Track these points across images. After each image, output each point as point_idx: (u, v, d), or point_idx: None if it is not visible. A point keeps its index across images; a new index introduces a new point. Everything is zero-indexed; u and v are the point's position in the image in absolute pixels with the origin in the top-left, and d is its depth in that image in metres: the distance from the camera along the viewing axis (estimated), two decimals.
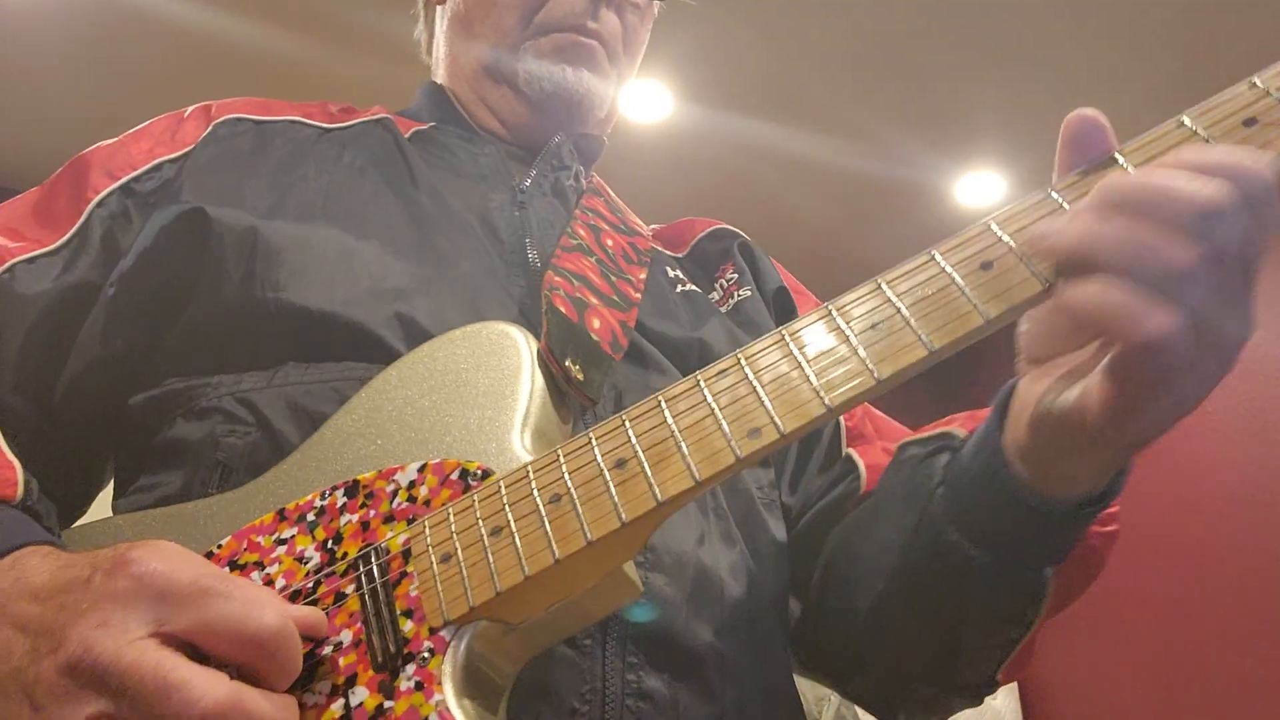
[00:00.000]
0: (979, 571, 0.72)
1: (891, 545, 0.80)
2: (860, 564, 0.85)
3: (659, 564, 0.78)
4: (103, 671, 0.53)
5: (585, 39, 1.08)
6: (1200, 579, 3.38)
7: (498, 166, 1.05)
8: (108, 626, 0.54)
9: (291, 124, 1.03)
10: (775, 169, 3.66)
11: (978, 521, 0.72)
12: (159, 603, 0.56)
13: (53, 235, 0.91)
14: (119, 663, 0.53)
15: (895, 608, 0.81)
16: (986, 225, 0.60)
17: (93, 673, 0.53)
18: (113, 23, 3.05)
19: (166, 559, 0.57)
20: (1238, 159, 0.53)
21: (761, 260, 1.15)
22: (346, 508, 0.71)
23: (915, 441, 0.87)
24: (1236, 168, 0.53)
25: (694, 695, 0.76)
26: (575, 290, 0.89)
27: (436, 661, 0.62)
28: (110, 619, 0.54)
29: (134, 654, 0.53)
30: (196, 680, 0.53)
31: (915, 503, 0.78)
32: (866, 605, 0.83)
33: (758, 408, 0.59)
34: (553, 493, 0.63)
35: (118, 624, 0.54)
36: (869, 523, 0.87)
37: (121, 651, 0.53)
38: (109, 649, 0.53)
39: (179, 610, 0.55)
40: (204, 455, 0.81)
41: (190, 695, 0.52)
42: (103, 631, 0.54)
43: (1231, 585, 3.27)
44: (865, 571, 0.84)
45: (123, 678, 0.52)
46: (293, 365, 0.83)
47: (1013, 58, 3.18)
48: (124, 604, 0.55)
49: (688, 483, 0.59)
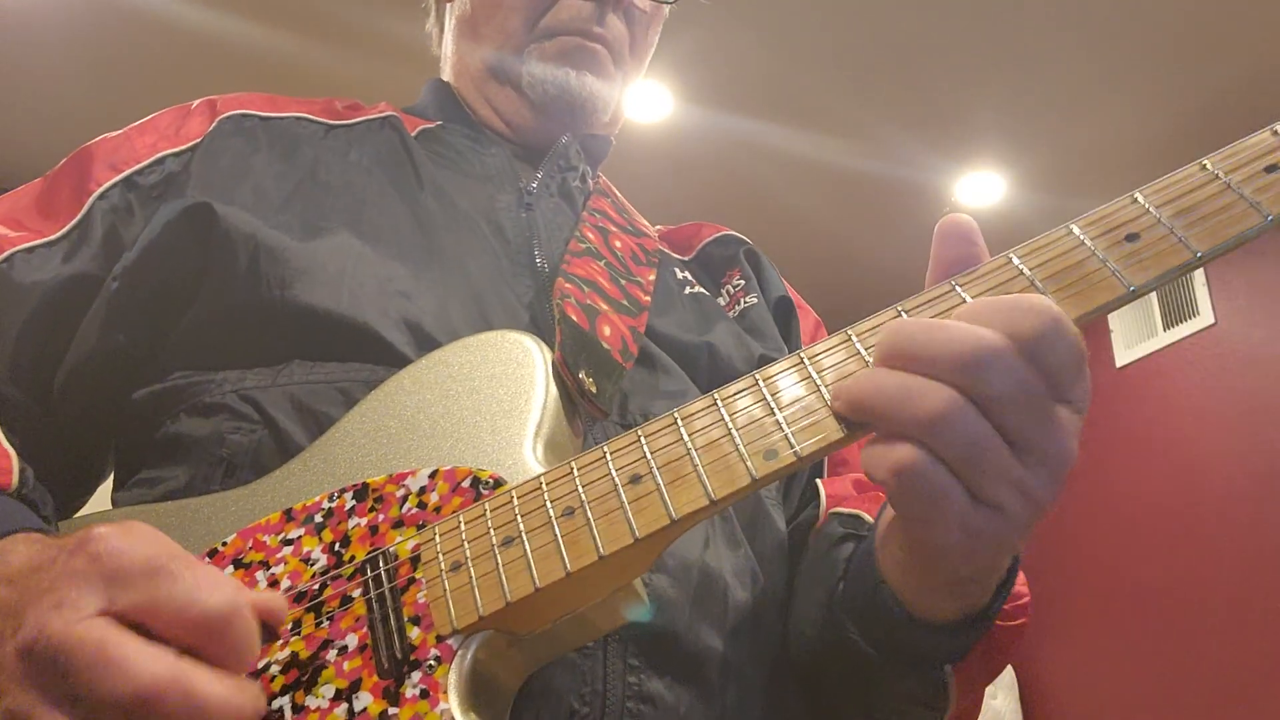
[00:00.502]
0: (878, 667, 0.73)
1: (809, 623, 0.82)
2: (790, 625, 0.86)
3: (663, 566, 0.78)
4: (54, 651, 0.52)
5: (590, 43, 1.08)
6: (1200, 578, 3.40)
7: (504, 167, 1.05)
8: (61, 607, 0.54)
9: (298, 120, 1.02)
10: (775, 169, 3.66)
11: (869, 624, 0.72)
12: (110, 581, 0.55)
13: (54, 226, 0.90)
14: (66, 641, 0.52)
15: (819, 677, 0.82)
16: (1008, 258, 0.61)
17: (45, 653, 0.52)
18: (113, 22, 3.03)
19: (126, 538, 0.57)
20: (1013, 306, 0.54)
21: (766, 268, 1.15)
22: (355, 510, 0.71)
23: (838, 515, 0.88)
24: (1010, 315, 0.54)
25: (696, 698, 0.76)
26: (586, 297, 0.89)
27: (443, 670, 0.62)
28: (64, 599, 0.54)
29: (80, 631, 0.53)
30: (136, 656, 0.52)
31: (823, 590, 0.80)
32: (799, 666, 0.84)
33: (774, 429, 0.59)
34: (566, 505, 0.63)
35: (70, 603, 0.54)
36: (798, 587, 0.88)
37: (69, 629, 0.53)
38: (58, 628, 0.53)
39: (127, 589, 0.55)
40: (209, 451, 0.81)
41: (128, 670, 0.51)
42: (55, 612, 0.53)
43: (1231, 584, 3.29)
44: (793, 636, 0.85)
45: (68, 655, 0.52)
46: (298, 363, 0.83)
47: (1013, 58, 3.18)
48: (78, 583, 0.55)
49: (703, 502, 0.59)
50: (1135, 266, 0.56)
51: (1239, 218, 0.56)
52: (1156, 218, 0.57)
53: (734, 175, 3.71)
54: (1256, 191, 0.56)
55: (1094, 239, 0.58)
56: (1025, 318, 0.53)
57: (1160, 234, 0.57)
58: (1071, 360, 0.54)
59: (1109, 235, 0.58)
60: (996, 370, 0.52)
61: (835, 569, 0.79)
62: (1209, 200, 0.57)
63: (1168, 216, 0.57)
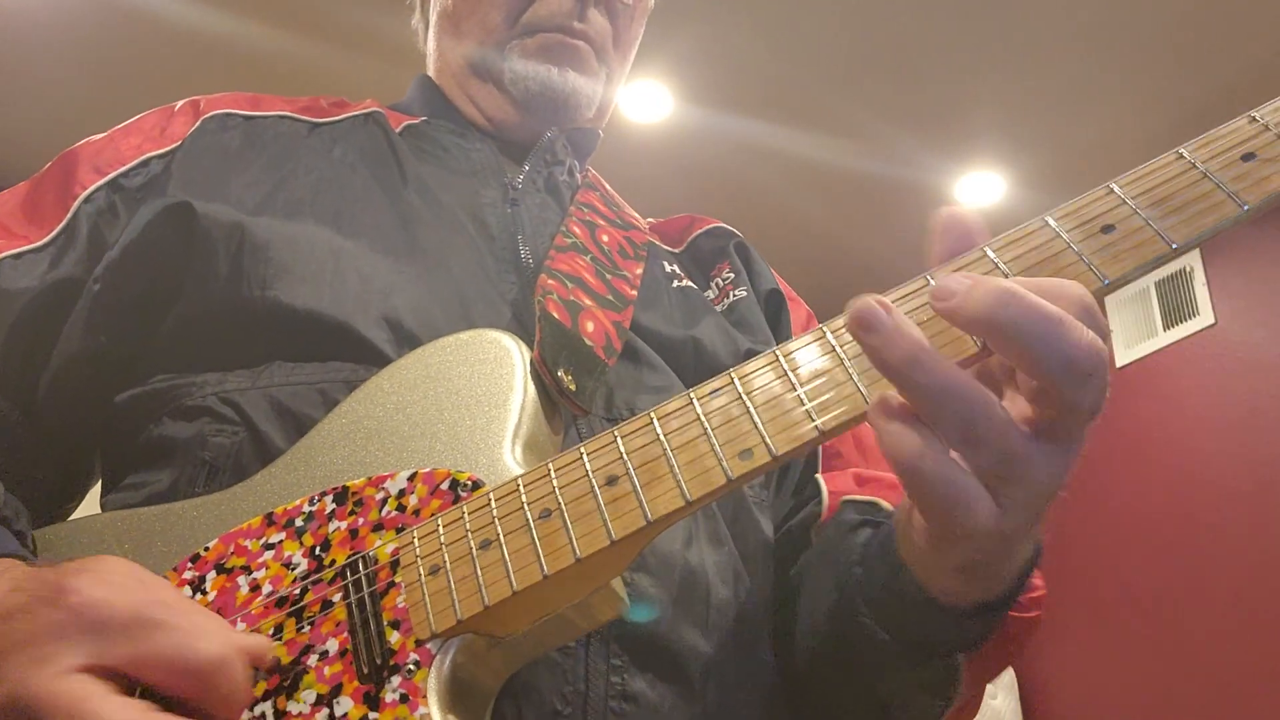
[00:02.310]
0: (891, 654, 0.72)
1: (818, 611, 0.80)
2: (796, 617, 0.85)
3: (644, 565, 0.77)
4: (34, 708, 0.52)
5: (572, 39, 1.07)
6: (1200, 579, 3.39)
7: (490, 162, 1.04)
8: (42, 662, 0.54)
9: (281, 119, 1.02)
10: (775, 169, 3.65)
11: (887, 611, 0.72)
12: (96, 635, 0.55)
13: (40, 231, 0.90)
14: (42, 697, 0.52)
15: (825, 667, 0.81)
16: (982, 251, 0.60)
17: (26, 710, 0.53)
18: (112, 22, 3.04)
19: (107, 586, 0.57)
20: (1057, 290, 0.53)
21: (756, 261, 1.14)
22: (335, 514, 0.71)
23: (852, 503, 0.88)
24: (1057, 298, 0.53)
25: (678, 696, 0.76)
26: (569, 293, 0.88)
27: (422, 674, 0.62)
28: (45, 653, 0.54)
29: (58, 687, 0.53)
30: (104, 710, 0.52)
31: (836, 576, 0.78)
32: (803, 659, 0.83)
33: (750, 429, 0.59)
34: (543, 507, 0.63)
35: (51, 658, 0.54)
36: (806, 577, 0.87)
37: (47, 686, 0.53)
38: (39, 685, 0.53)
39: (115, 643, 0.55)
40: (192, 454, 0.80)
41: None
42: (36, 668, 0.54)
43: (1231, 585, 3.28)
44: (800, 626, 0.84)
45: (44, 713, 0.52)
46: (279, 364, 0.83)
47: (1013, 58, 3.17)
48: (58, 636, 0.55)
49: (678, 502, 0.59)
50: (1110, 259, 0.56)
51: (1216, 207, 0.55)
52: (1133, 209, 0.57)
53: (734, 175, 3.70)
54: (1234, 180, 0.55)
55: (1069, 231, 0.58)
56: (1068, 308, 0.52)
57: (1136, 225, 0.56)
58: None
59: (1085, 227, 0.57)
60: None
61: (851, 554, 0.78)
62: (1185, 190, 0.56)
63: (1144, 207, 0.56)
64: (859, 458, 0.98)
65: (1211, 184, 0.56)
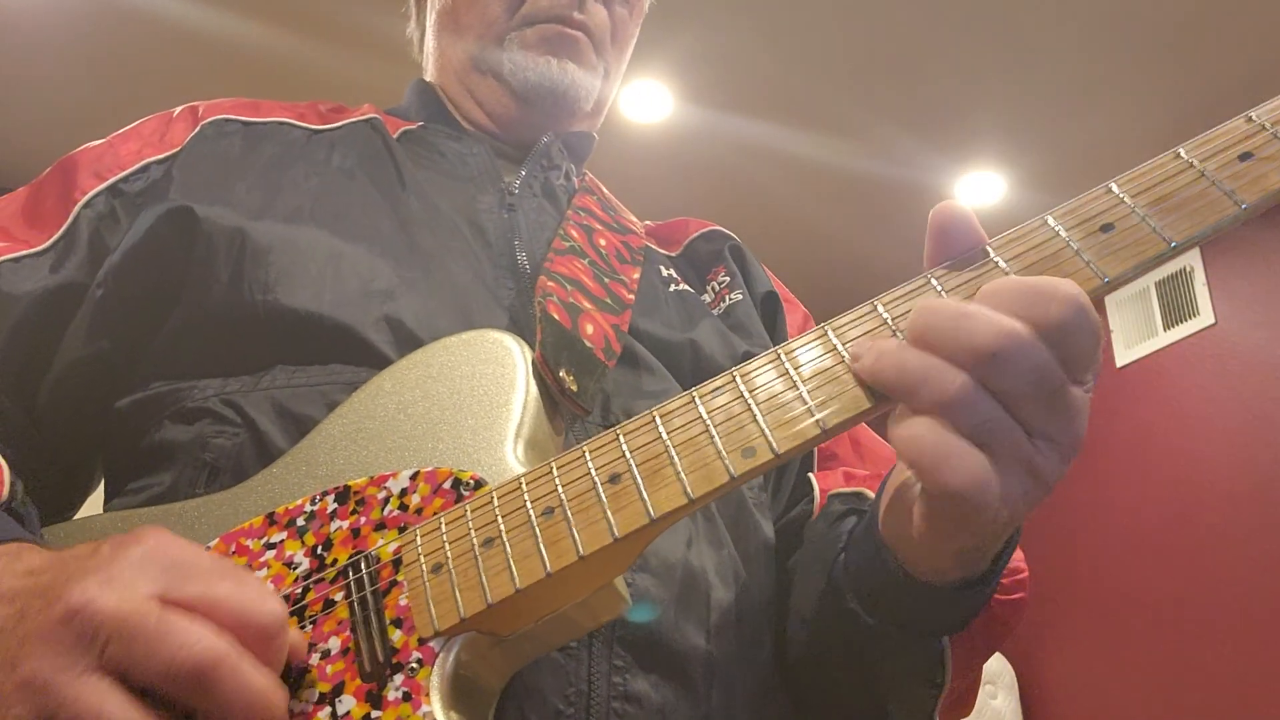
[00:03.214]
0: (877, 639, 0.74)
1: (808, 600, 0.82)
2: (788, 612, 0.87)
3: (646, 566, 0.77)
4: (102, 620, 0.53)
5: (571, 30, 1.08)
6: (1200, 579, 3.39)
7: (486, 166, 1.04)
8: (112, 583, 0.54)
9: (280, 125, 1.02)
10: (775, 169, 3.65)
11: (871, 593, 0.73)
12: (170, 570, 0.56)
13: (41, 236, 0.90)
14: (119, 610, 0.53)
15: (818, 660, 0.82)
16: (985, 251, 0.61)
17: (91, 621, 0.53)
18: (112, 22, 3.04)
19: (178, 539, 0.59)
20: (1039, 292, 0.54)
21: (752, 264, 1.15)
22: (337, 513, 0.71)
23: (838, 496, 0.89)
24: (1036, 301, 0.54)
25: (681, 697, 0.76)
26: (569, 295, 0.88)
27: (425, 672, 0.62)
28: (116, 577, 0.55)
29: (135, 603, 0.53)
30: (192, 629, 0.54)
31: (823, 565, 0.80)
32: (796, 653, 0.85)
33: (752, 426, 0.59)
34: (546, 505, 0.63)
35: (124, 582, 0.55)
36: (796, 572, 0.88)
37: (124, 602, 0.53)
38: (111, 600, 0.53)
39: (189, 580, 0.56)
40: (193, 456, 0.80)
41: (187, 638, 0.53)
42: (107, 587, 0.54)
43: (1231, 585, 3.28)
44: (791, 620, 0.86)
45: (121, 623, 0.53)
46: (280, 369, 0.83)
47: (1013, 58, 3.18)
48: (134, 567, 0.56)
49: (681, 500, 0.59)
50: (1110, 257, 0.56)
51: (1214, 206, 0.55)
52: (1131, 207, 0.57)
53: (733, 175, 3.70)
54: (1231, 179, 0.56)
55: (1069, 230, 0.58)
56: (1050, 305, 0.54)
57: (1134, 224, 0.56)
58: (1091, 346, 0.54)
59: (1084, 226, 0.58)
60: (1015, 363, 0.53)
61: (837, 542, 0.79)
62: (1183, 189, 0.57)
63: (1142, 206, 0.57)
64: (855, 459, 0.99)
65: (1209, 183, 0.56)
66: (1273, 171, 0.55)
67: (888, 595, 0.71)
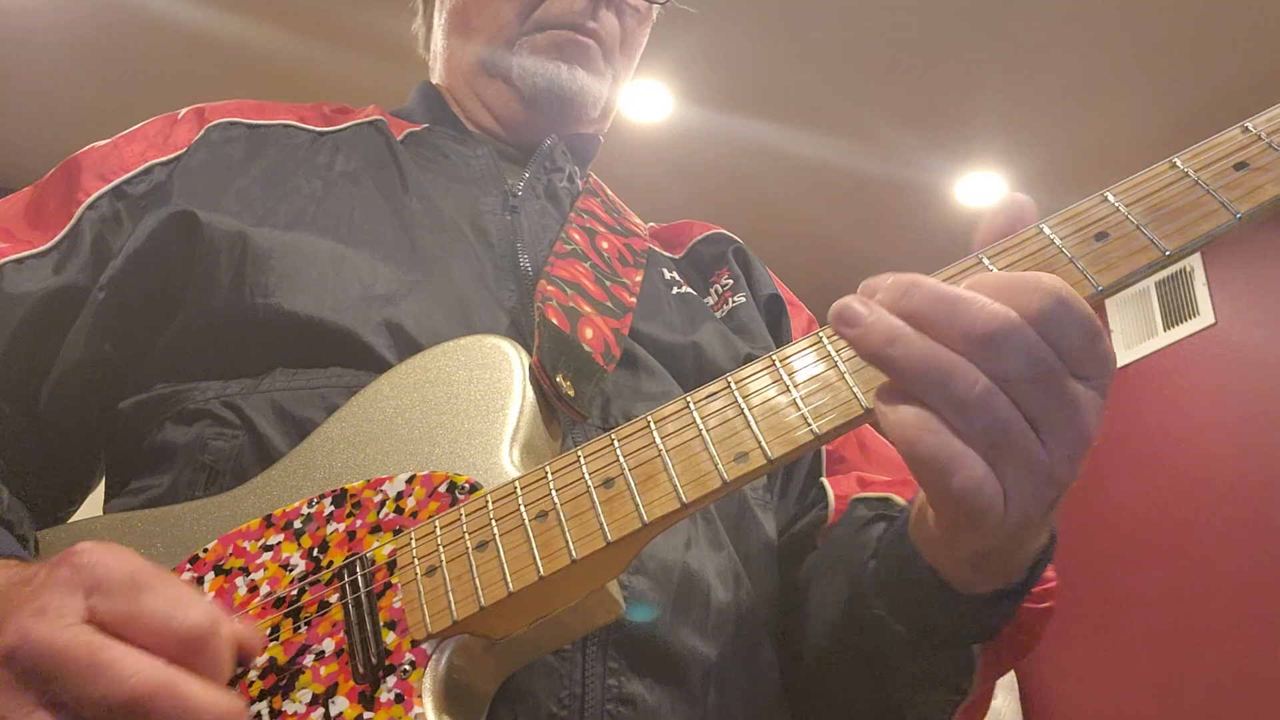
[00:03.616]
0: (905, 646, 0.73)
1: (829, 606, 0.81)
2: (805, 616, 0.86)
3: (643, 568, 0.77)
4: (38, 656, 0.52)
5: (582, 37, 1.08)
6: (1200, 579, 3.39)
7: (490, 169, 1.04)
8: (44, 614, 0.54)
9: (285, 128, 1.02)
10: (775, 169, 3.66)
11: (901, 600, 0.72)
12: (92, 590, 0.56)
13: (43, 237, 0.90)
14: (52, 645, 0.53)
15: (835, 664, 0.81)
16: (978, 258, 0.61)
17: (29, 659, 0.53)
18: (113, 22, 3.04)
19: (109, 553, 0.57)
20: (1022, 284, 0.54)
21: (756, 266, 1.14)
22: (333, 516, 0.71)
23: (863, 500, 0.88)
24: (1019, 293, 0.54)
25: (676, 700, 0.75)
26: (568, 299, 0.88)
27: (418, 674, 0.62)
28: (47, 606, 0.54)
29: (68, 636, 0.53)
30: (126, 659, 0.53)
31: (849, 571, 0.78)
32: (812, 657, 0.84)
33: (745, 431, 0.59)
34: (539, 509, 0.63)
35: (54, 610, 0.54)
36: (815, 576, 0.87)
37: (55, 635, 0.53)
38: (43, 634, 0.53)
39: (110, 598, 0.55)
40: (191, 458, 0.81)
41: (121, 673, 0.52)
42: (39, 619, 0.54)
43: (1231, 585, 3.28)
44: (809, 624, 0.84)
45: (56, 659, 0.52)
46: (280, 371, 0.83)
47: (1013, 57, 3.18)
48: (61, 591, 0.55)
49: (674, 505, 0.59)
50: (1103, 266, 0.56)
51: (1208, 216, 0.56)
52: (1125, 216, 0.57)
53: (734, 175, 3.71)
54: (1225, 189, 0.56)
55: (1064, 238, 0.58)
56: (1033, 297, 0.53)
57: (1128, 232, 0.57)
58: (1082, 340, 0.53)
59: (1078, 234, 0.58)
60: (1011, 346, 0.52)
61: (864, 549, 0.78)
62: (1178, 198, 0.57)
63: (1137, 215, 0.57)
64: (863, 462, 0.99)
65: (1204, 192, 0.56)
66: (1268, 182, 0.55)
67: (919, 605, 0.70)
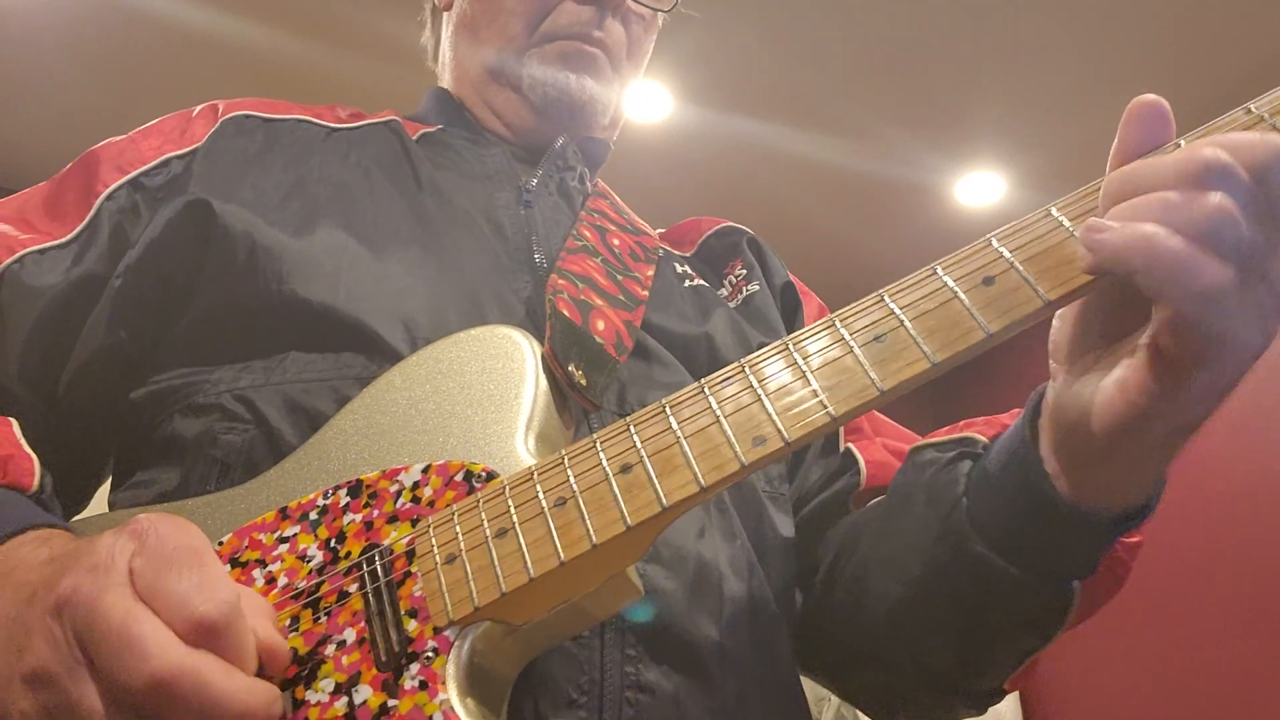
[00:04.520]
0: (1004, 584, 0.72)
1: (910, 552, 0.79)
2: (875, 567, 0.84)
3: (657, 556, 0.78)
4: (85, 611, 0.53)
5: (590, 47, 1.09)
6: (1200, 579, 3.39)
7: (504, 167, 1.06)
8: (97, 570, 0.55)
9: (300, 123, 1.04)
10: (775, 169, 3.66)
11: (1007, 534, 0.71)
12: (136, 556, 0.56)
13: (63, 229, 0.91)
14: (96, 605, 0.53)
15: (914, 614, 0.80)
16: (988, 241, 0.61)
17: (77, 612, 0.53)
18: (113, 22, 3.04)
19: (167, 523, 0.58)
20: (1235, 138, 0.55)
21: (769, 256, 1.16)
22: (350, 507, 0.71)
23: (931, 445, 0.86)
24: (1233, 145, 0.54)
25: (694, 688, 0.76)
26: (580, 293, 0.89)
27: (441, 661, 0.62)
28: (101, 563, 0.55)
29: (110, 599, 0.53)
30: (154, 638, 0.52)
31: (937, 511, 0.77)
32: (883, 609, 0.82)
33: (762, 415, 0.60)
34: (558, 496, 0.64)
35: (104, 567, 0.55)
36: (884, 526, 0.85)
37: (101, 594, 0.53)
38: (93, 590, 0.53)
39: (144, 568, 0.56)
40: (202, 452, 0.81)
41: (144, 652, 0.52)
42: (92, 575, 0.54)
43: (1231, 584, 3.28)
44: (881, 575, 0.83)
45: (95, 620, 0.53)
46: (294, 355, 0.84)
47: (1013, 58, 3.18)
48: (120, 552, 0.56)
49: (693, 489, 0.60)
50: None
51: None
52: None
53: (734, 175, 3.71)
54: None
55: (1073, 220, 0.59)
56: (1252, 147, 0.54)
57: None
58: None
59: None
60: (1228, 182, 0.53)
61: (954, 487, 0.76)
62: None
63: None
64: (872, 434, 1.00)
65: None
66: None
67: (1032, 531, 0.69)
